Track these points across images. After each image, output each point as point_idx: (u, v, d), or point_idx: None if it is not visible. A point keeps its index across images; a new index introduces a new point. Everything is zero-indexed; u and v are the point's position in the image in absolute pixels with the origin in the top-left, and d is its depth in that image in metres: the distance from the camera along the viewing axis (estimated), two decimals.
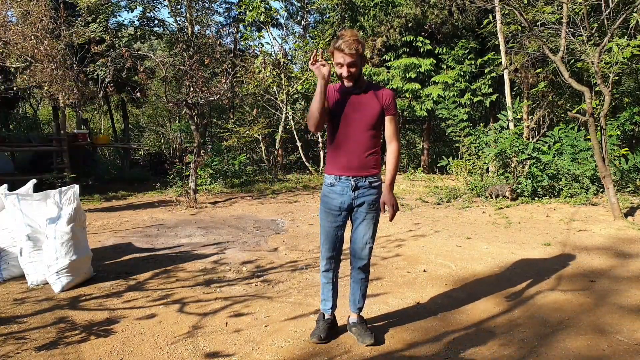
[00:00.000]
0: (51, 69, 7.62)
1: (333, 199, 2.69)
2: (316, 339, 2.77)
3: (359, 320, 2.87)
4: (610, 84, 6.37)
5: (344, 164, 2.66)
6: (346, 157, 2.65)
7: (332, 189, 2.70)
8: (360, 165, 2.64)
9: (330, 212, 2.72)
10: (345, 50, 2.51)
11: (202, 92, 7.91)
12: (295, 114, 14.20)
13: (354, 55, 2.52)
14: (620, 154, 8.42)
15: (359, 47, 2.54)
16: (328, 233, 2.75)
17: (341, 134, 2.65)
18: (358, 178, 2.65)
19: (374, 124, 2.63)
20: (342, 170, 2.66)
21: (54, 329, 3.00)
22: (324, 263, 2.82)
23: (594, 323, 3.03)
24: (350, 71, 2.56)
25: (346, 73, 2.56)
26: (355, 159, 2.63)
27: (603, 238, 5.32)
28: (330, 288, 2.87)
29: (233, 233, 5.91)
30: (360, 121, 2.62)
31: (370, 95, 2.65)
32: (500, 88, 12.08)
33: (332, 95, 2.68)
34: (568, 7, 6.41)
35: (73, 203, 3.83)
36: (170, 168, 9.56)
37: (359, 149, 2.63)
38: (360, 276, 2.85)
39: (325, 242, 2.77)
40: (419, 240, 5.41)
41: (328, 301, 2.89)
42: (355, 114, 2.63)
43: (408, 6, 12.77)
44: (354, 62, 2.53)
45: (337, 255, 2.81)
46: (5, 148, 10.48)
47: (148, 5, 13.84)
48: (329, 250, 2.78)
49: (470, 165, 9.20)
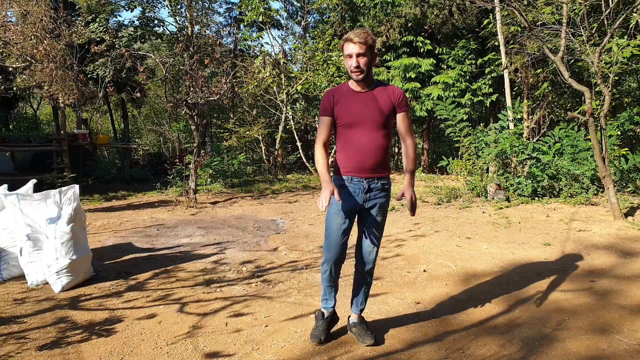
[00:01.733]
0: (51, 69, 7.62)
1: (343, 199, 2.57)
2: (316, 342, 2.75)
3: (359, 320, 2.85)
4: (610, 84, 6.37)
5: (355, 165, 2.58)
6: (358, 157, 2.57)
7: (344, 190, 2.60)
8: (373, 166, 2.58)
9: (338, 213, 2.61)
10: (355, 40, 2.46)
11: (202, 92, 7.91)
12: (295, 114, 14.19)
13: (363, 46, 2.45)
14: (620, 154, 8.42)
15: (369, 38, 2.47)
16: (335, 235, 2.64)
17: (352, 134, 2.57)
18: (371, 180, 2.59)
19: (385, 123, 2.57)
20: (354, 172, 2.59)
21: (54, 329, 3.00)
22: (327, 266, 2.71)
23: (594, 323, 3.03)
24: (359, 61, 2.47)
25: (355, 63, 2.47)
26: (368, 159, 2.56)
27: (603, 238, 5.32)
28: (332, 290, 2.83)
29: (233, 233, 5.91)
30: (370, 120, 2.55)
31: (379, 94, 2.59)
32: (501, 88, 12.09)
33: (337, 96, 2.60)
34: (568, 7, 6.41)
35: (73, 203, 3.82)
36: (170, 168, 9.56)
37: (371, 149, 2.56)
38: (364, 280, 2.82)
39: (330, 244, 2.66)
40: (419, 240, 5.41)
41: (330, 300, 2.85)
42: (365, 113, 2.55)
43: (408, 6, 12.76)
44: (362, 52, 2.46)
45: (341, 258, 2.71)
46: (5, 148, 10.49)
47: (147, 5, 13.85)
48: (335, 254, 2.67)
49: (470, 165, 9.20)
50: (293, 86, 12.77)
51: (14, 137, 12.40)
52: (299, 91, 13.33)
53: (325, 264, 2.73)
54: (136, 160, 15.82)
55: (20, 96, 15.10)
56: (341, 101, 2.60)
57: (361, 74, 2.51)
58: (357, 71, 2.50)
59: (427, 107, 12.83)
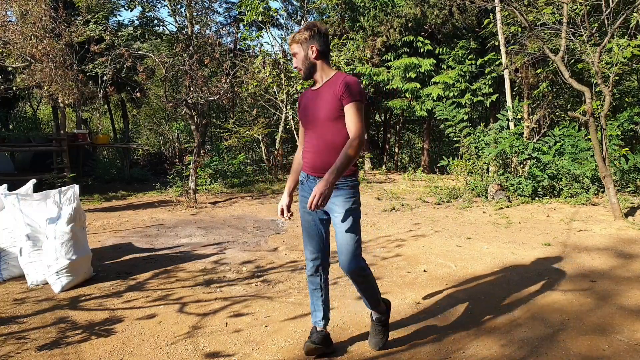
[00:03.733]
0: (50, 69, 7.62)
1: (304, 197, 2.54)
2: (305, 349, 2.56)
3: (373, 319, 2.73)
4: (610, 84, 6.36)
5: (308, 164, 2.53)
6: (309, 157, 2.51)
7: (302, 187, 2.58)
8: (323, 165, 2.40)
9: (304, 210, 2.56)
10: (289, 42, 2.52)
11: (202, 92, 7.91)
12: (295, 114, 14.18)
13: (293, 44, 2.46)
14: (620, 154, 8.42)
15: (298, 34, 2.43)
16: (306, 231, 2.58)
17: (306, 134, 2.55)
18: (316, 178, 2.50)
19: (332, 118, 2.38)
20: (308, 170, 2.54)
21: (54, 329, 2.99)
22: (309, 266, 2.62)
23: (594, 323, 3.02)
24: (295, 61, 2.48)
25: (293, 64, 2.51)
26: (318, 158, 2.46)
27: (603, 238, 5.32)
28: (318, 296, 2.64)
29: (233, 233, 5.91)
30: (316, 119, 2.44)
31: (326, 88, 2.42)
32: (501, 88, 12.08)
33: (301, 100, 2.61)
34: (568, 7, 6.41)
35: (73, 203, 3.82)
36: (170, 168, 9.56)
37: (320, 148, 2.45)
38: (353, 281, 2.55)
39: (305, 241, 2.60)
40: (419, 240, 5.40)
41: (318, 312, 2.65)
42: (313, 112, 2.46)
43: (408, 6, 12.76)
44: (295, 51, 2.46)
45: (321, 256, 2.58)
46: (5, 148, 10.48)
47: (147, 5, 13.84)
48: (312, 251, 2.58)
49: (471, 165, 9.20)
50: (293, 86, 12.76)
51: (14, 137, 12.39)
52: (299, 91, 13.32)
53: (307, 263, 2.66)
54: (136, 160, 15.82)
55: (20, 96, 15.10)
56: (302, 103, 2.60)
57: (301, 71, 2.49)
58: (296, 69, 2.51)
59: (427, 107, 12.83)
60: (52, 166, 9.59)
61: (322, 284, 2.65)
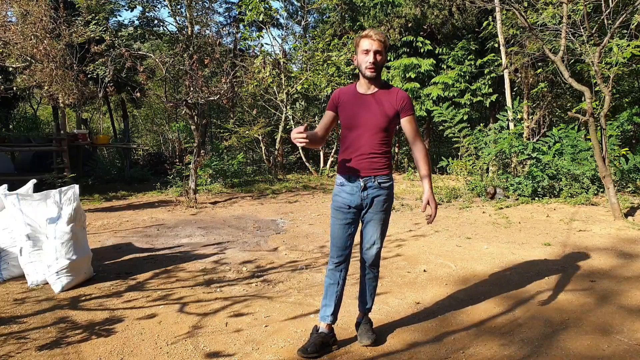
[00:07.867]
0: (51, 69, 7.62)
1: (343, 197, 2.65)
2: (301, 352, 2.57)
3: (364, 320, 2.83)
4: (610, 84, 6.37)
5: (353, 165, 2.61)
6: (355, 160, 2.61)
7: (342, 189, 2.66)
8: (369, 167, 2.60)
9: (339, 209, 2.66)
10: (374, 37, 2.51)
11: (202, 92, 7.91)
12: (295, 114, 14.19)
13: (382, 44, 2.51)
14: (620, 154, 8.43)
15: (386, 39, 2.57)
16: (337, 231, 2.68)
17: (351, 135, 2.62)
18: (367, 178, 2.61)
19: (385, 127, 2.58)
20: (351, 171, 2.62)
21: (54, 329, 2.99)
22: (333, 262, 2.73)
23: (594, 323, 3.03)
24: (376, 58, 2.51)
25: (372, 59, 2.50)
26: (365, 160, 2.59)
27: (603, 238, 5.32)
28: (334, 291, 2.72)
29: (233, 233, 5.91)
30: (370, 124, 2.57)
31: (383, 97, 2.60)
32: (500, 88, 12.08)
33: (342, 97, 2.66)
34: (568, 7, 6.41)
35: (73, 203, 3.82)
36: (170, 168, 9.55)
37: (368, 151, 2.59)
38: (368, 275, 2.80)
39: (335, 240, 2.70)
40: (419, 240, 5.40)
41: (329, 307, 2.72)
42: (366, 116, 2.58)
43: (408, 6, 12.76)
44: (380, 50, 2.51)
45: (346, 255, 2.72)
46: (5, 148, 10.48)
47: (147, 5, 13.84)
48: (339, 249, 2.69)
49: (470, 165, 9.21)
50: (293, 86, 12.77)
51: (14, 137, 12.38)
52: (298, 91, 13.34)
53: (331, 260, 2.75)
54: (136, 160, 15.82)
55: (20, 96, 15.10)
56: (344, 102, 2.65)
57: (375, 71, 2.55)
58: (372, 67, 2.53)
59: (427, 107, 12.83)
60: (52, 166, 9.59)
61: (340, 280, 2.75)
